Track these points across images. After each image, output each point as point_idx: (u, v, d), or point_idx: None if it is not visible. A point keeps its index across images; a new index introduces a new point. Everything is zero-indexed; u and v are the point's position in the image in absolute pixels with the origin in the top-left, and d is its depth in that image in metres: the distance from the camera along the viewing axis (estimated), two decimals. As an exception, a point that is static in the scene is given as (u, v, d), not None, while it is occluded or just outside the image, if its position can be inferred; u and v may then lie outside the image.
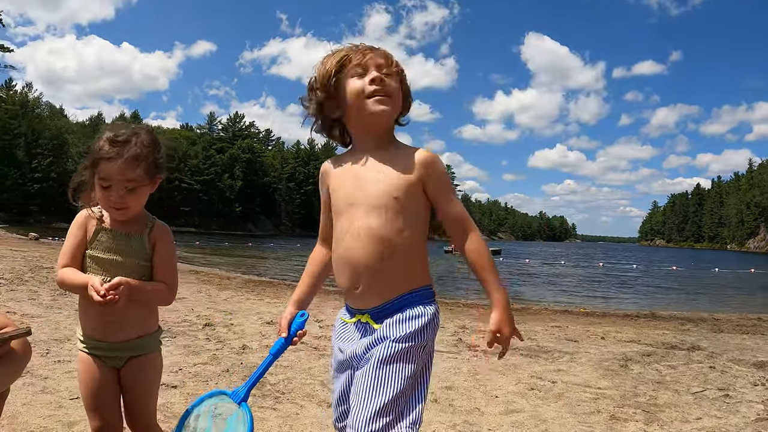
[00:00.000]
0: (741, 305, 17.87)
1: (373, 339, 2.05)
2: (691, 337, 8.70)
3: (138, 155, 2.33)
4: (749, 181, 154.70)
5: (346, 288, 2.13)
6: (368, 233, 2.05)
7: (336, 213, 2.17)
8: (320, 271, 2.35)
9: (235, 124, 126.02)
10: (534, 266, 40.16)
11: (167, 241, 2.53)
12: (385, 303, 2.08)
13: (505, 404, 4.62)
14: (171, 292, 2.50)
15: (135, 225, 2.47)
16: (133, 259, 2.43)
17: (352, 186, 2.12)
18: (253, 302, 10.48)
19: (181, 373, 4.97)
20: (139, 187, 2.37)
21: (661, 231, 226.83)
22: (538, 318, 11.06)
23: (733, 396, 5.08)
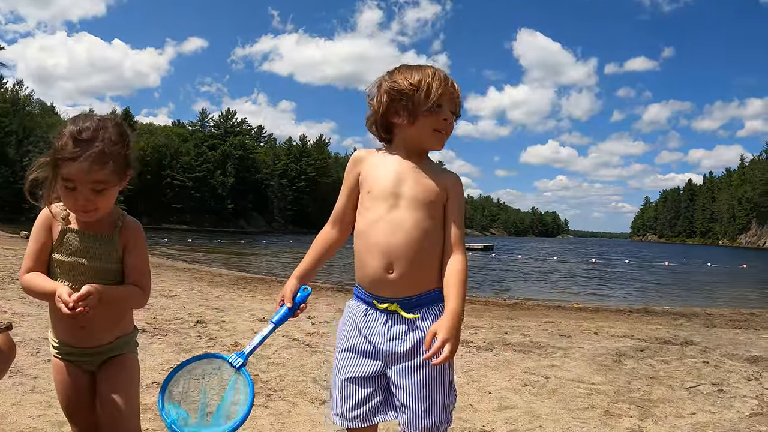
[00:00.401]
0: (733, 300, 17.92)
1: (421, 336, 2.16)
2: (684, 332, 8.70)
3: (105, 154, 2.09)
4: (741, 177, 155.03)
5: (378, 271, 2.21)
6: (410, 223, 2.20)
7: (372, 200, 2.26)
8: (326, 251, 2.43)
9: (227, 120, 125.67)
10: (526, 262, 40.19)
11: (139, 241, 2.34)
12: (420, 294, 2.22)
13: (498, 400, 4.60)
14: (144, 294, 2.32)
15: (103, 224, 2.27)
16: (102, 263, 2.26)
17: (395, 180, 2.26)
18: (245, 299, 10.43)
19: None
20: (107, 188, 2.15)
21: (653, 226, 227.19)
22: (531, 314, 11.05)
23: (726, 391, 5.06)
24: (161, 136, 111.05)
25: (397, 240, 2.19)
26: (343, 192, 2.41)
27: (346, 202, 2.39)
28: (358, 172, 2.36)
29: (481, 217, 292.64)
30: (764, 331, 9.21)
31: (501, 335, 7.67)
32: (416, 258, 2.19)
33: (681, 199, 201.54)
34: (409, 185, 2.25)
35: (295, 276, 2.38)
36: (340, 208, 2.41)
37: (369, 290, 2.28)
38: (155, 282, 11.93)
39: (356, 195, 2.36)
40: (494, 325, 8.71)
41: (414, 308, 2.21)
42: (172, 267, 18.41)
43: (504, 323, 9.08)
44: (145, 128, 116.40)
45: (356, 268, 2.32)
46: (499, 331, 8.10)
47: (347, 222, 2.40)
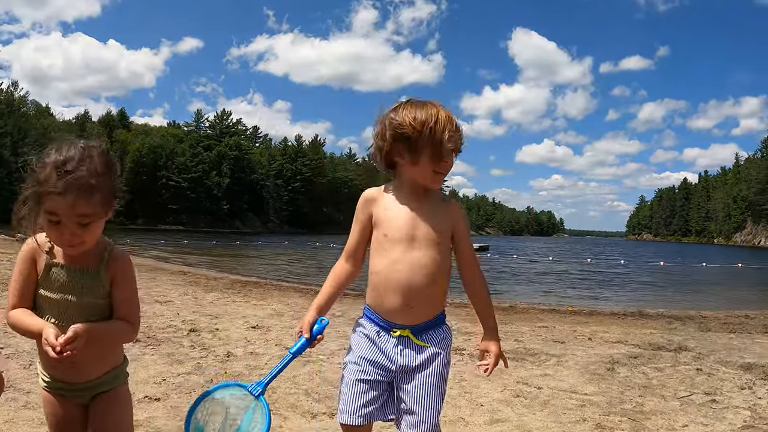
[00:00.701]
0: (729, 301, 17.94)
1: (428, 355, 2.49)
2: (678, 337, 8.70)
3: (91, 186, 2.00)
4: (736, 176, 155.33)
5: (398, 307, 2.48)
6: (427, 262, 2.47)
7: (390, 242, 2.50)
8: (343, 284, 2.64)
9: (223, 121, 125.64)
10: (521, 263, 40.20)
11: (127, 273, 2.24)
12: (427, 321, 2.52)
13: (490, 413, 4.59)
14: (134, 329, 2.25)
15: (89, 257, 2.18)
16: (90, 298, 2.17)
17: (409, 223, 2.50)
18: (239, 305, 10.41)
19: (164, 384, 4.91)
20: (93, 221, 2.07)
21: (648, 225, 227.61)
22: (525, 318, 11.05)
23: (719, 401, 5.06)
24: (157, 137, 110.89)
25: (417, 280, 2.46)
26: (356, 229, 2.63)
27: (359, 238, 2.62)
28: (371, 213, 2.59)
29: (476, 216, 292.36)
30: (758, 336, 9.22)
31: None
32: (432, 292, 2.51)
33: (676, 197, 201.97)
34: (423, 227, 2.50)
35: (313, 308, 2.57)
36: (354, 244, 2.63)
37: (384, 317, 2.53)
38: (149, 287, 12.00)
39: (369, 232, 2.60)
40: (488, 331, 8.69)
41: (423, 332, 2.51)
42: (167, 270, 18.38)
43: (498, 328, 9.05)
44: (141, 129, 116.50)
45: (371, 297, 2.56)
46: (493, 337, 8.07)
47: (360, 256, 2.65)
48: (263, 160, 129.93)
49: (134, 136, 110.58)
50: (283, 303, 11.04)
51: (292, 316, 9.19)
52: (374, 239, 2.59)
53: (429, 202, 2.55)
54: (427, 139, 2.41)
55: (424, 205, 2.54)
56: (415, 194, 2.55)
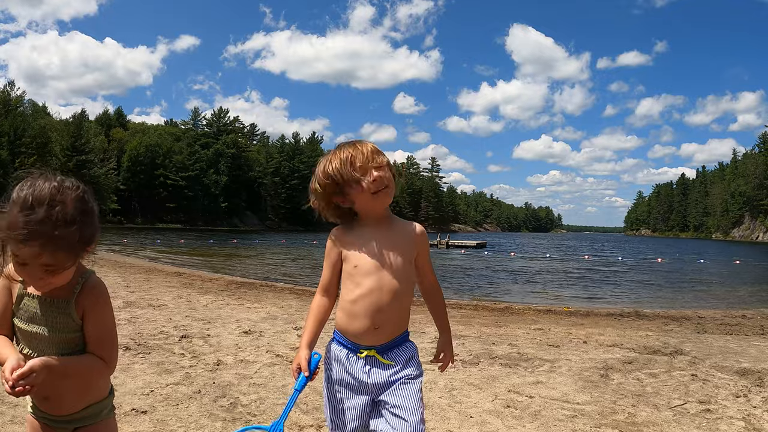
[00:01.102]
0: (726, 300, 17.91)
1: (396, 370, 2.65)
2: (674, 339, 8.66)
3: (56, 239, 1.84)
4: (734, 171, 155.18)
5: (365, 329, 2.63)
6: (395, 290, 2.63)
7: (359, 274, 2.64)
8: (323, 318, 2.76)
9: (220, 119, 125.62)
10: (519, 261, 40.17)
11: (98, 306, 2.08)
12: (390, 341, 2.67)
13: (479, 425, 4.52)
14: (107, 367, 2.10)
15: (62, 288, 2.03)
16: (60, 332, 2.04)
17: (377, 255, 2.65)
18: (233, 308, 10.36)
19: (152, 396, 4.86)
20: (59, 269, 1.91)
21: (646, 221, 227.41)
22: (521, 319, 11.00)
23: (713, 411, 4.99)
24: (154, 136, 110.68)
25: (386, 305, 2.62)
26: (327, 267, 2.76)
27: (331, 274, 2.75)
28: (339, 251, 2.72)
29: (474, 213, 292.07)
30: (754, 337, 9.18)
31: (488, 346, 7.61)
32: (397, 314, 2.67)
33: (674, 193, 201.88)
34: (389, 256, 2.66)
35: (304, 347, 2.68)
36: (327, 280, 2.77)
37: (352, 340, 2.68)
38: (144, 290, 11.96)
39: (340, 267, 2.73)
40: (482, 334, 8.66)
41: (388, 350, 2.67)
42: (162, 272, 18.34)
43: (492, 331, 9.02)
44: (138, 127, 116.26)
45: (340, 321, 2.71)
46: (487, 341, 8.04)
47: (334, 290, 2.78)
48: (261, 158, 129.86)
49: (131, 134, 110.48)
50: (278, 306, 11.00)
51: (286, 320, 9.14)
52: (344, 271, 2.72)
53: (392, 230, 2.73)
54: (345, 177, 2.60)
55: (388, 233, 2.71)
56: (376, 223, 2.71)
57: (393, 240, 2.70)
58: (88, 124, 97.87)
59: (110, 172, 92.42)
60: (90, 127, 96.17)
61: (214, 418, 4.43)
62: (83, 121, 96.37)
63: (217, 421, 4.36)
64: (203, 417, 4.44)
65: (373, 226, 2.72)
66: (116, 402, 4.54)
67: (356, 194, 2.63)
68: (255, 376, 5.66)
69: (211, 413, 4.53)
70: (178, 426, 4.23)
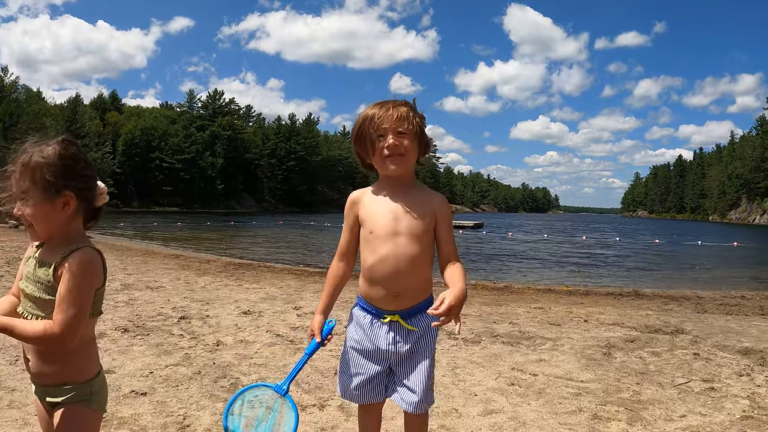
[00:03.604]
0: (724, 281, 17.85)
1: (416, 337, 2.73)
2: (674, 319, 8.63)
3: (27, 164, 2.10)
4: (731, 153, 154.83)
5: (386, 296, 2.71)
6: (411, 257, 2.67)
7: (376, 238, 2.71)
8: (341, 284, 2.89)
9: (215, 101, 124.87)
10: (517, 240, 40.13)
11: (73, 273, 2.07)
12: (413, 306, 2.73)
13: (484, 403, 4.49)
14: (47, 332, 2.05)
15: (54, 253, 2.13)
16: (36, 291, 2.13)
17: (392, 219, 2.71)
18: (232, 288, 10.32)
19: (151, 378, 4.81)
20: (28, 200, 2.09)
21: (643, 202, 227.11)
22: (521, 299, 10.97)
23: (717, 389, 4.96)
24: (149, 119, 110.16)
25: (402, 271, 2.67)
26: (345, 230, 2.86)
27: (349, 238, 2.84)
28: (356, 214, 2.82)
29: (471, 193, 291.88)
30: (755, 318, 9.16)
31: (489, 324, 7.58)
32: (417, 282, 2.73)
33: (671, 175, 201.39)
34: (405, 221, 2.70)
35: (319, 312, 2.83)
36: (345, 244, 2.85)
37: (375, 305, 2.76)
38: (141, 272, 11.91)
39: (357, 230, 2.82)
40: (483, 313, 8.62)
41: (411, 316, 2.73)
42: (159, 254, 18.27)
43: (493, 310, 8.99)
44: (133, 111, 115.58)
45: (362, 288, 2.80)
46: (488, 319, 8.00)
47: (352, 255, 2.86)
48: (257, 140, 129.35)
49: (126, 118, 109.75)
50: (276, 286, 10.96)
51: (285, 300, 9.10)
52: (362, 236, 2.79)
53: (410, 196, 2.76)
54: (364, 133, 2.71)
55: (405, 199, 2.74)
56: (395, 190, 2.77)
57: (411, 207, 2.73)
58: (83, 109, 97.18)
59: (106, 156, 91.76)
60: (85, 112, 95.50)
61: (215, 398, 4.39)
62: (78, 105, 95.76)
63: (218, 402, 4.31)
64: (204, 398, 4.40)
65: (392, 192, 2.77)
66: (115, 384, 4.52)
67: (371, 153, 2.72)
68: (255, 356, 5.61)
69: (211, 394, 4.49)
70: (178, 407, 4.18)
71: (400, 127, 2.65)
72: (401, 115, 2.67)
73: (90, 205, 2.23)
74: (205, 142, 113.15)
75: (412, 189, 2.80)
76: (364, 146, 2.73)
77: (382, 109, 2.69)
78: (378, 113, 2.67)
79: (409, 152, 2.69)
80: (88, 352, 2.26)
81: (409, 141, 2.68)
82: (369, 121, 2.68)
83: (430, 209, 2.74)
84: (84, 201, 2.19)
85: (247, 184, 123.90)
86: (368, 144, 2.70)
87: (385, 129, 2.65)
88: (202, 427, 3.85)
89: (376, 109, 2.70)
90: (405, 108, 2.71)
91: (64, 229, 2.17)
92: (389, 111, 2.67)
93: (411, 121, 2.68)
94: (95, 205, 2.26)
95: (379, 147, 2.67)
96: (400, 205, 2.73)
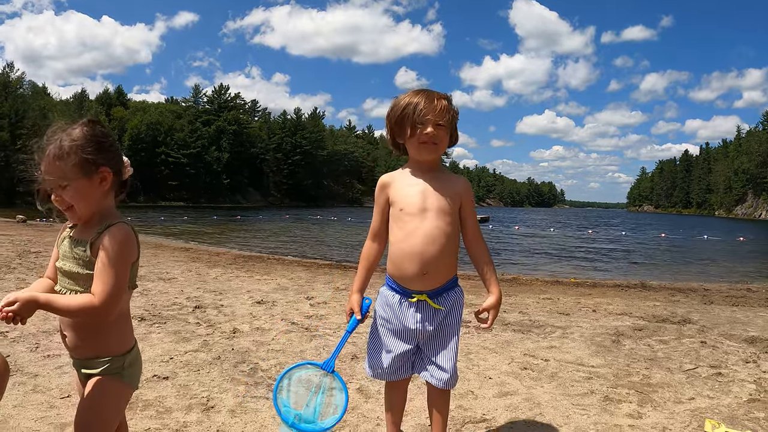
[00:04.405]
0: (731, 274, 17.93)
1: (443, 315, 2.91)
2: (681, 309, 8.72)
3: (60, 149, 2.16)
4: (737, 148, 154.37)
5: (414, 274, 2.86)
6: (438, 233, 2.86)
7: (405, 215, 2.90)
8: (374, 263, 3.06)
9: (221, 95, 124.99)
10: (523, 234, 40.17)
11: (110, 247, 2.16)
12: (440, 286, 2.90)
13: (498, 386, 4.61)
14: (91, 304, 2.13)
15: (90, 230, 2.24)
16: (74, 267, 2.23)
17: (421, 197, 2.90)
18: (243, 280, 10.43)
19: (172, 363, 4.93)
20: (70, 185, 2.17)
21: (649, 197, 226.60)
22: (529, 290, 11.07)
23: (725, 374, 5.07)
24: (155, 114, 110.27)
25: (430, 249, 2.84)
26: (377, 212, 3.04)
27: (380, 219, 3.02)
28: (387, 195, 3.00)
29: (477, 188, 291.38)
30: (761, 309, 9.24)
31: (500, 314, 7.64)
32: (444, 260, 2.88)
33: (677, 169, 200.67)
34: (433, 200, 2.89)
35: (356, 291, 3.02)
36: (377, 225, 3.03)
37: (403, 285, 2.92)
38: (152, 265, 12.04)
39: (388, 211, 2.99)
40: (492, 304, 8.69)
41: (438, 295, 2.91)
42: (168, 247, 18.40)
43: (502, 300, 9.07)
44: (138, 106, 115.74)
45: (391, 267, 2.95)
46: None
47: (384, 235, 3.03)
48: (263, 134, 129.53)
49: (132, 113, 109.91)
50: (287, 278, 11.07)
51: (297, 291, 9.21)
52: (392, 215, 2.97)
53: (437, 178, 2.95)
54: (406, 118, 2.85)
55: (432, 180, 2.93)
56: (423, 172, 2.96)
57: (438, 187, 2.92)
58: (89, 104, 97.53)
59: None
60: (91, 107, 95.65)
61: (236, 382, 4.49)
62: (84, 100, 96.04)
63: (240, 385, 4.42)
64: (225, 381, 4.51)
65: (420, 174, 2.95)
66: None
67: (407, 136, 2.88)
68: (272, 343, 5.72)
69: (232, 378, 4.60)
70: (201, 390, 4.29)
71: (440, 120, 2.84)
72: (443, 108, 2.85)
73: (120, 178, 2.34)
74: (211, 136, 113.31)
75: (439, 172, 2.99)
76: (403, 129, 2.89)
77: (426, 99, 2.84)
78: (423, 103, 2.82)
79: (442, 142, 2.90)
80: (123, 325, 2.37)
81: (444, 132, 2.88)
82: (413, 108, 2.83)
83: (455, 191, 2.94)
84: (117, 174, 2.30)
85: (253, 178, 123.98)
86: (408, 128, 2.85)
87: (428, 119, 2.81)
88: (226, 408, 3.96)
89: (420, 98, 2.85)
90: (446, 101, 2.89)
91: (99, 206, 2.27)
92: (433, 102, 2.84)
93: (450, 114, 2.89)
94: (123, 178, 2.36)
95: (417, 133, 2.84)
96: (428, 186, 2.92)
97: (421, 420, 3.80)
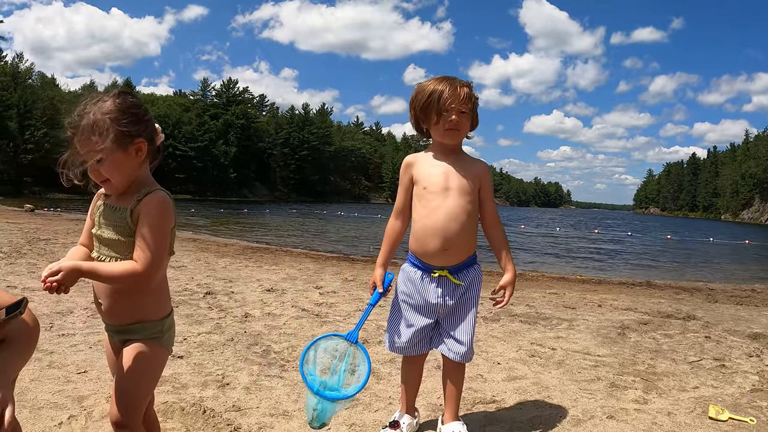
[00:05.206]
0: (735, 276, 17.93)
1: (462, 291, 3.08)
2: (686, 307, 8.79)
3: (93, 124, 2.18)
4: (745, 153, 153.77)
5: (436, 249, 3.03)
6: (460, 210, 3.02)
7: (429, 193, 3.05)
8: (397, 240, 3.21)
9: (229, 89, 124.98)
10: (529, 233, 40.17)
11: (150, 212, 2.24)
12: (460, 263, 3.07)
13: (507, 371, 4.72)
14: (134, 270, 2.20)
15: (127, 197, 2.28)
16: (113, 235, 2.28)
17: (444, 177, 3.06)
18: (252, 269, 10.53)
19: (186, 343, 5.04)
20: (105, 158, 2.19)
21: (655, 199, 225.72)
22: (535, 285, 11.14)
23: (728, 366, 5.16)
24: (163, 106, 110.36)
25: (452, 226, 3.00)
26: (401, 191, 3.19)
27: (404, 197, 3.17)
28: (411, 175, 3.16)
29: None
30: (765, 308, 9.30)
31: (506, 306, 7.74)
32: (464, 237, 3.05)
33: (684, 172, 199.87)
34: (455, 180, 3.06)
35: (379, 265, 3.15)
36: (401, 203, 3.18)
37: (425, 261, 3.08)
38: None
39: (411, 190, 3.14)
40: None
41: (459, 271, 3.07)
42: (177, 237, 18.31)
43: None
44: (147, 98, 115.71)
45: (414, 243, 3.11)
46: (504, 303, 8.16)
47: (407, 213, 3.17)
48: (270, 129, 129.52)
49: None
50: (296, 268, 11.16)
51: (306, 280, 9.31)
52: (415, 193, 3.13)
53: (459, 160, 3.13)
54: (432, 105, 3.00)
55: (455, 162, 3.11)
56: (445, 154, 3.13)
57: (459, 169, 3.11)
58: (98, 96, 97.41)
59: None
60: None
61: (249, 362, 4.60)
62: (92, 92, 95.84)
63: (254, 365, 4.52)
64: (239, 361, 4.61)
65: (443, 156, 3.14)
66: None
67: (432, 122, 3.06)
68: (284, 327, 5.83)
69: (246, 358, 4.71)
70: (215, 368, 4.40)
71: (463, 107, 3.00)
72: (465, 96, 3.01)
73: (154, 146, 2.39)
74: (219, 130, 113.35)
75: (460, 155, 3.18)
76: (428, 116, 3.06)
77: (450, 87, 3.00)
78: (447, 91, 2.98)
79: (465, 127, 3.07)
80: (161, 291, 2.44)
81: (467, 119, 3.05)
82: (438, 96, 2.99)
83: (475, 173, 3.13)
84: (151, 143, 2.35)
85: (260, 173, 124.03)
86: (433, 115, 3.02)
87: (452, 108, 2.98)
88: (241, 385, 4.07)
89: (444, 86, 3.01)
90: (468, 89, 3.05)
91: (135, 176, 2.32)
92: (457, 90, 3.00)
93: (472, 101, 3.05)
94: (156, 144, 2.41)
95: (442, 120, 3.01)
96: (450, 167, 3.10)
97: (432, 400, 3.92)
